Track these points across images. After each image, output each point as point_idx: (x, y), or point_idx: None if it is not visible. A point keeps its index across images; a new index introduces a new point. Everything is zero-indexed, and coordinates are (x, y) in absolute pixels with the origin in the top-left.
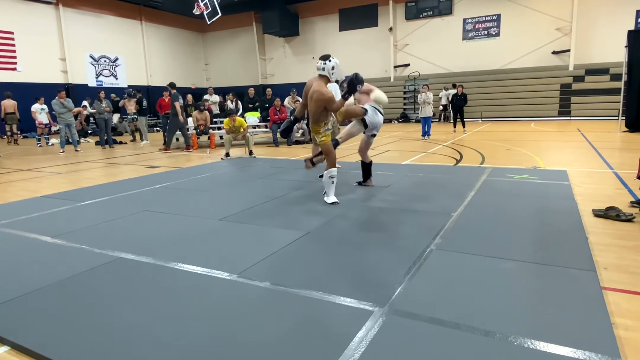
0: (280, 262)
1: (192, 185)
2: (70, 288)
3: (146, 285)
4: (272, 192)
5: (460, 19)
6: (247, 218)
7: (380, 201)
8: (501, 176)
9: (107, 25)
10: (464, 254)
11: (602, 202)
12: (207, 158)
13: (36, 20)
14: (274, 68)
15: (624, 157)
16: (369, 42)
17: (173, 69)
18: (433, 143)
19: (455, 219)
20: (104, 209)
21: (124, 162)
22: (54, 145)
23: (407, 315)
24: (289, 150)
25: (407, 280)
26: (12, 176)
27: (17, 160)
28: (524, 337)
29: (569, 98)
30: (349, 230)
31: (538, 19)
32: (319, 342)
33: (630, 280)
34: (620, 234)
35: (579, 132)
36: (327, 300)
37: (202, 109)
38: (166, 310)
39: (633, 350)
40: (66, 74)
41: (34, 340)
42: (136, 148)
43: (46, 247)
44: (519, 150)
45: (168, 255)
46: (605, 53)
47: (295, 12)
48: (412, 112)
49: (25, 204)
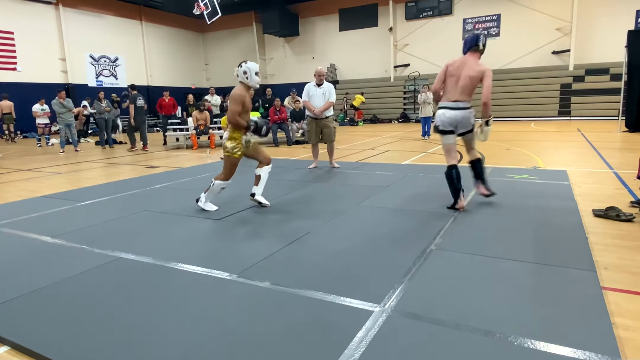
0: (281, 262)
1: (192, 185)
2: (71, 288)
3: (146, 285)
4: (272, 192)
5: (460, 19)
6: (247, 218)
7: (380, 201)
8: (501, 176)
9: (107, 25)
10: (464, 254)
11: (602, 202)
12: (207, 158)
13: (36, 20)
14: (274, 68)
15: (624, 157)
16: (369, 42)
17: (173, 69)
18: (433, 143)
19: (455, 219)
20: (103, 209)
21: (124, 162)
22: (54, 145)
23: (407, 315)
24: (289, 150)
25: (407, 280)
26: (12, 176)
27: (17, 160)
28: (524, 337)
29: (569, 98)
30: (349, 230)
31: (538, 19)
32: (319, 342)
33: (630, 280)
34: (620, 234)
35: (579, 132)
36: (327, 300)
37: (202, 109)
38: (166, 310)
39: (633, 350)
40: (66, 74)
41: (34, 340)
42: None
43: (46, 247)
44: (519, 150)
45: (168, 255)
46: (605, 53)
47: (295, 12)
48: (412, 112)
49: (25, 204)
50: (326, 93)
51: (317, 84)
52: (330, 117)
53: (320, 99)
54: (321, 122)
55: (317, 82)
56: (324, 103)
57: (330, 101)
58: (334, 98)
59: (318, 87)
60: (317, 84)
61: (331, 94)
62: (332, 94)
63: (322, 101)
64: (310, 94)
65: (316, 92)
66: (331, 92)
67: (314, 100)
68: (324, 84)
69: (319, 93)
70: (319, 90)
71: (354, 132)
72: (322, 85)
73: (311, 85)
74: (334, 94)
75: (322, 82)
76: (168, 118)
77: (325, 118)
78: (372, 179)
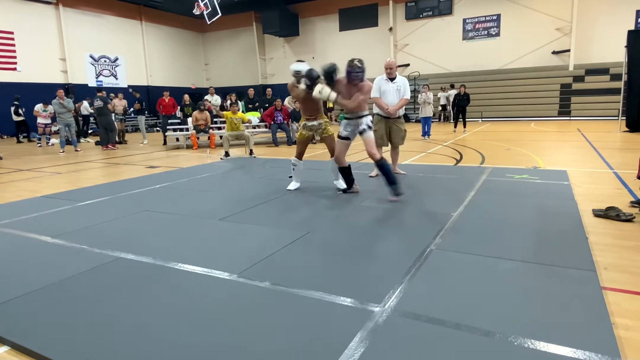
0: (280, 262)
1: (192, 185)
2: (70, 288)
3: (146, 285)
4: (272, 192)
5: (460, 19)
6: (247, 218)
7: (380, 201)
8: (501, 176)
9: (107, 25)
10: (464, 254)
11: (602, 202)
12: (207, 158)
13: (36, 20)
14: (274, 68)
15: (624, 157)
16: (369, 42)
17: (173, 69)
18: (433, 143)
19: (455, 219)
20: (104, 209)
21: (124, 162)
22: (54, 145)
23: (407, 315)
24: (289, 150)
25: (407, 280)
26: (12, 176)
27: (17, 160)
28: (524, 337)
29: (569, 98)
30: (349, 230)
31: (538, 19)
32: (319, 342)
33: (630, 280)
34: (620, 234)
35: (579, 132)
36: (327, 300)
37: (203, 109)
38: (166, 310)
39: (633, 350)
40: (66, 74)
41: (34, 340)
42: (136, 148)
43: (46, 247)
44: (519, 150)
45: (168, 255)
46: (605, 53)
47: (295, 12)
48: (412, 112)
49: (25, 204)
50: (401, 89)
51: (390, 78)
52: (401, 118)
53: (393, 96)
54: (392, 123)
55: (389, 76)
56: (399, 100)
57: (405, 98)
58: (409, 95)
59: (390, 81)
60: (389, 78)
61: (406, 90)
62: (407, 90)
63: (395, 98)
64: (382, 90)
65: (388, 88)
66: (406, 88)
67: (386, 96)
68: (397, 78)
69: (392, 89)
70: (391, 85)
71: None
72: (395, 80)
73: (382, 80)
74: (409, 90)
75: (395, 75)
76: (168, 118)
77: (397, 118)
78: (372, 179)
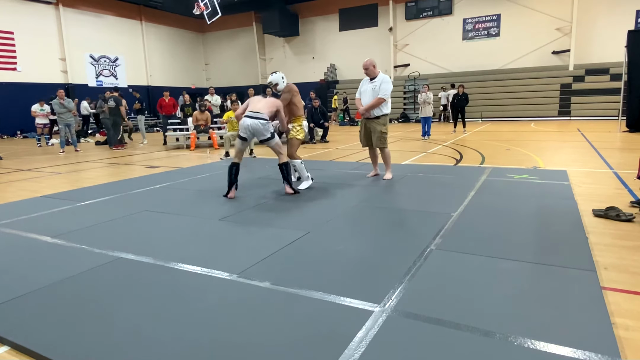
0: (280, 262)
1: (192, 185)
2: (70, 288)
3: (146, 285)
4: (272, 191)
5: (460, 19)
6: (247, 218)
7: (380, 201)
8: (501, 176)
9: (107, 25)
10: (464, 254)
11: (602, 202)
12: (207, 158)
13: (36, 20)
14: (274, 68)
15: (624, 157)
16: (369, 42)
17: (173, 69)
18: (433, 143)
19: (455, 219)
20: (104, 209)
21: (124, 162)
22: (54, 145)
23: (407, 315)
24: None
25: (407, 280)
26: (12, 176)
27: (17, 160)
28: (524, 337)
29: (569, 98)
30: (348, 230)
31: (538, 19)
32: (319, 342)
33: (630, 280)
34: (620, 234)
35: (579, 132)
36: (327, 300)
37: (203, 110)
38: (166, 310)
39: (633, 350)
40: (66, 74)
41: (34, 340)
42: (136, 148)
43: (46, 247)
44: (519, 150)
45: (168, 255)
46: (605, 53)
47: (295, 12)
48: (412, 112)
49: (25, 204)
50: (376, 88)
51: (371, 78)
52: (381, 118)
53: (369, 96)
54: (369, 123)
55: (368, 76)
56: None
57: (379, 97)
58: (385, 94)
59: (370, 81)
60: (370, 78)
61: (382, 89)
62: (383, 89)
63: (371, 98)
64: (361, 90)
65: (366, 88)
66: (382, 87)
67: (364, 97)
68: (377, 78)
69: (369, 89)
70: (369, 85)
71: (354, 132)
72: (374, 80)
73: (364, 80)
74: (386, 89)
75: (374, 74)
76: (168, 118)
77: (375, 118)
78: (372, 179)
